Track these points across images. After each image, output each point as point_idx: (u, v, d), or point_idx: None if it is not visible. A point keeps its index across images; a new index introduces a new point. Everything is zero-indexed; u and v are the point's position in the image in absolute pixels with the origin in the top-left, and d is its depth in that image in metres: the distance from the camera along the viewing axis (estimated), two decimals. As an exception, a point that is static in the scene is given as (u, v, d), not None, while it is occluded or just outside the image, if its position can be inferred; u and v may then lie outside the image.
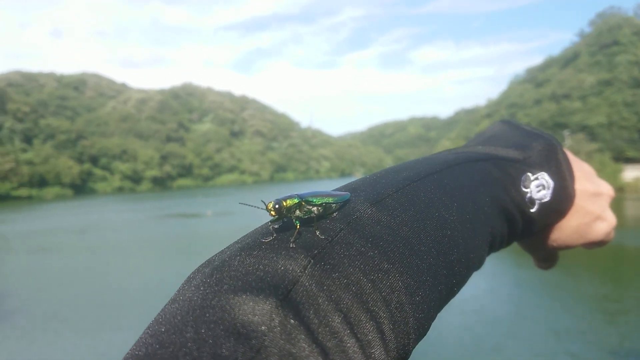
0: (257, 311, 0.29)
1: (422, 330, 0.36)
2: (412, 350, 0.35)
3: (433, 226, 0.40)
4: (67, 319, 9.26)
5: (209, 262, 0.35)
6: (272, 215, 0.38)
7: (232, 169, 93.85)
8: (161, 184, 79.96)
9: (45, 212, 38.65)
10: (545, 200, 0.55)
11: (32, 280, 13.04)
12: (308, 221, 0.37)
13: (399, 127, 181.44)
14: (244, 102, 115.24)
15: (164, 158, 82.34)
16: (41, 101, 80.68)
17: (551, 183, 0.55)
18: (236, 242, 0.37)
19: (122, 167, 76.93)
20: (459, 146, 0.59)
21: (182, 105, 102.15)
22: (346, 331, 0.30)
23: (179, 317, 0.30)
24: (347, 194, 0.41)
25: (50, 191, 63.58)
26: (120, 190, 73.96)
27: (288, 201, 0.39)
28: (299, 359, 0.28)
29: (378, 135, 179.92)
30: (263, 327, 0.28)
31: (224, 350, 0.27)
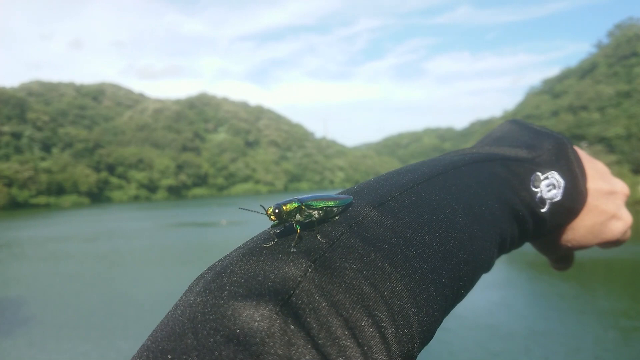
0: (257, 317, 0.29)
1: (427, 334, 0.35)
2: (417, 355, 0.34)
3: (438, 228, 0.40)
4: (77, 327, 9.31)
5: (211, 268, 0.35)
6: (272, 220, 0.38)
7: (246, 179, 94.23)
8: (176, 192, 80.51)
9: (61, 220, 39.09)
10: (557, 199, 0.54)
11: (45, 287, 13.17)
12: (309, 225, 0.37)
13: (414, 137, 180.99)
14: (259, 112, 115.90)
15: (180, 167, 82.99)
16: (60, 110, 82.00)
17: (562, 182, 0.54)
18: (239, 248, 0.37)
19: (138, 175, 77.67)
20: (466, 147, 0.59)
21: (198, 115, 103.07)
22: (347, 336, 0.30)
23: (179, 324, 0.30)
24: (349, 197, 0.40)
25: (68, 199, 64.36)
26: (136, 198, 74.60)
27: (288, 205, 0.38)
28: None
29: (393, 146, 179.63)
30: (263, 333, 0.28)
31: (224, 357, 0.27)
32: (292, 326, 0.29)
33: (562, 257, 0.66)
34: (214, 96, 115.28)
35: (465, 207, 0.44)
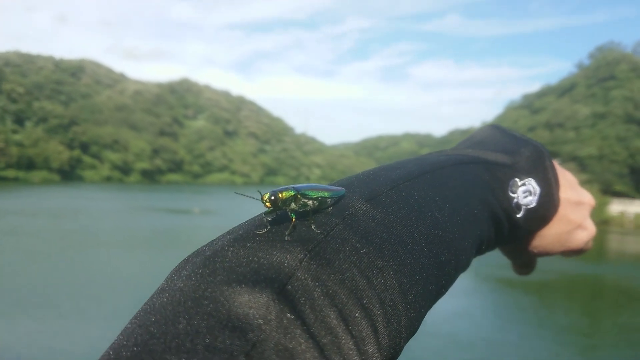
0: (253, 304, 0.28)
1: (412, 329, 0.36)
2: (402, 348, 0.35)
3: (426, 226, 0.40)
4: (32, 304, 9.12)
5: (199, 253, 0.34)
6: (267, 206, 0.38)
7: (222, 169, 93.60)
8: (150, 177, 79.52)
9: (29, 194, 38.25)
10: (532, 206, 0.55)
11: (2, 262, 12.87)
12: (303, 214, 0.37)
13: (393, 141, 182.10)
14: (241, 103, 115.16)
15: (156, 151, 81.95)
16: (37, 84, 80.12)
17: (538, 189, 0.56)
18: (227, 234, 0.36)
19: (113, 156, 76.45)
20: (448, 148, 0.60)
21: (179, 101, 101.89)
22: (341, 327, 0.30)
23: (169, 308, 0.29)
24: (342, 189, 0.40)
25: (38, 175, 63.01)
26: (108, 179, 73.47)
27: (284, 193, 0.38)
28: (296, 354, 0.28)
29: (371, 148, 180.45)
30: (259, 321, 0.28)
31: (218, 343, 0.27)
32: (288, 314, 0.29)
33: (526, 263, 0.67)
34: (196, 83, 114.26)
35: (450, 206, 0.44)
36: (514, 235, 0.56)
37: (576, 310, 12.18)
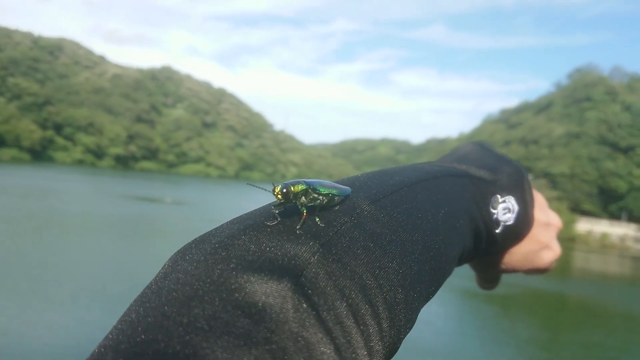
0: (270, 292, 0.29)
1: (409, 328, 0.38)
2: (399, 346, 0.37)
3: (423, 231, 0.42)
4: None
5: (204, 239, 0.35)
6: (278, 198, 0.38)
7: (198, 160, 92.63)
8: (124, 163, 78.25)
9: (-3, 173, 37.25)
10: (509, 223, 0.57)
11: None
12: (311, 209, 0.38)
13: (370, 145, 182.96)
14: (221, 95, 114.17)
15: (131, 137, 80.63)
16: (13, 59, 78.01)
17: (516, 208, 0.57)
18: (233, 223, 0.37)
19: (86, 139, 74.94)
20: (434, 160, 0.62)
21: (158, 88, 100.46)
22: (351, 322, 0.31)
23: (181, 292, 0.29)
24: (348, 188, 0.41)
25: (7, 152, 61.42)
26: (80, 162, 72.02)
27: (296, 187, 0.39)
28: (310, 344, 0.28)
29: (349, 150, 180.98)
30: (277, 309, 0.28)
31: (237, 328, 0.27)
32: (304, 305, 0.29)
33: (491, 278, 0.69)
34: (178, 71, 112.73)
35: (443, 215, 0.46)
36: (490, 249, 0.58)
37: (537, 324, 12.37)
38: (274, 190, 0.39)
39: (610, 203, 57.22)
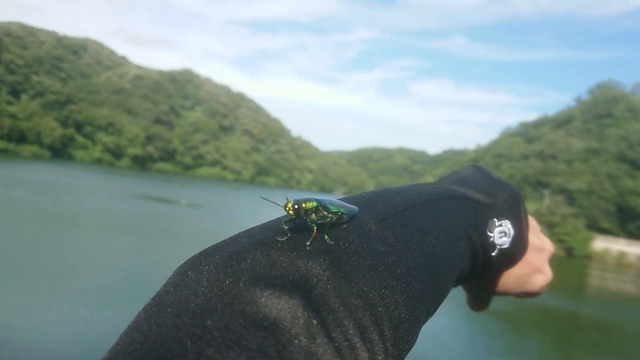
0: (283, 307, 0.29)
1: (410, 345, 0.38)
2: None
3: (425, 252, 0.43)
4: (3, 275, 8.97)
5: (215, 250, 0.35)
6: (290, 214, 0.39)
7: (214, 163, 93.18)
8: (141, 163, 79.01)
9: (17, 168, 37.84)
10: (505, 246, 0.58)
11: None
12: (321, 227, 0.38)
13: (387, 154, 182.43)
14: (240, 100, 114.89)
15: (149, 138, 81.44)
16: (37, 57, 79.42)
17: (512, 232, 0.58)
18: (241, 237, 0.37)
19: (106, 139, 75.88)
20: (434, 181, 0.63)
21: (178, 90, 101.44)
22: (358, 340, 0.31)
23: (193, 303, 0.30)
24: (356, 208, 0.42)
25: (28, 149, 62.34)
26: (98, 161, 72.92)
27: (308, 204, 0.40)
28: None
29: (365, 158, 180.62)
30: (289, 324, 0.29)
31: (250, 341, 0.27)
32: (314, 321, 0.30)
33: (483, 300, 0.69)
34: (198, 75, 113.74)
35: (445, 237, 0.47)
36: (485, 272, 0.59)
37: (549, 342, 12.16)
38: (285, 206, 0.40)
39: (628, 221, 56.23)
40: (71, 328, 7.16)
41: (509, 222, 0.58)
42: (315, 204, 0.40)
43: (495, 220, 0.57)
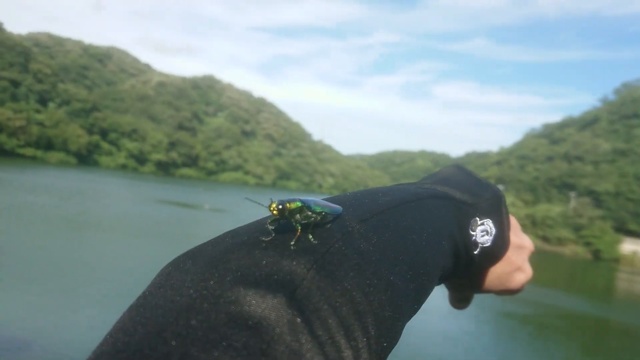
0: (266, 306, 0.30)
1: (394, 343, 0.38)
2: None
3: (409, 252, 0.43)
4: (28, 279, 9.14)
5: (200, 251, 0.35)
6: (274, 214, 0.39)
7: (236, 168, 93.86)
8: (164, 169, 80.00)
9: (45, 174, 38.66)
10: (487, 245, 0.59)
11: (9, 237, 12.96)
12: (305, 227, 0.39)
13: (408, 157, 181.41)
14: (261, 105, 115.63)
15: (172, 144, 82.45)
16: (64, 66, 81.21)
17: (494, 230, 0.59)
18: (226, 237, 0.37)
19: (130, 145, 77.06)
20: (417, 181, 0.63)
21: (200, 96, 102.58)
22: (342, 338, 0.32)
23: (178, 303, 0.30)
24: (340, 207, 0.42)
25: (55, 156, 63.64)
26: (123, 167, 74.07)
27: (292, 204, 0.40)
28: (304, 358, 0.29)
29: (387, 162, 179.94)
30: (273, 322, 0.29)
31: (234, 340, 0.27)
32: (298, 319, 0.30)
33: (465, 297, 0.70)
34: (220, 80, 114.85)
35: (427, 235, 0.47)
36: (467, 270, 0.59)
37: (575, 348, 11.90)
38: (270, 206, 0.40)
39: (658, 224, 54.84)
40: (96, 331, 7.26)
41: (490, 221, 0.59)
42: (299, 204, 0.40)
43: (478, 219, 0.58)
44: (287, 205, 0.39)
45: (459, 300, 0.71)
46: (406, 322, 0.42)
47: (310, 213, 0.40)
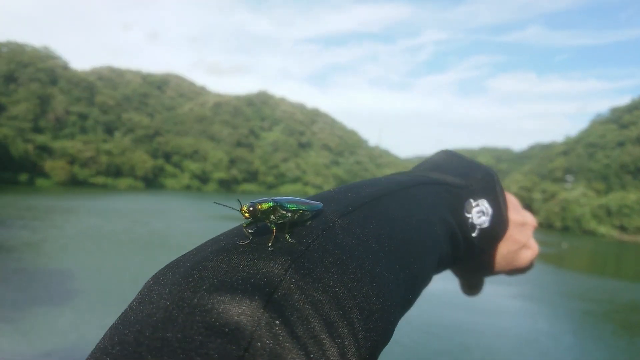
0: (243, 311, 0.29)
1: (387, 337, 0.37)
2: (378, 356, 0.36)
3: (396, 242, 0.42)
4: (99, 299, 9.53)
5: (178, 263, 0.35)
6: (245, 217, 0.39)
7: (295, 180, 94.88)
8: (227, 186, 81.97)
9: (116, 200, 40.52)
10: (485, 226, 0.58)
11: (88, 261, 13.59)
12: (282, 226, 0.38)
13: (470, 155, 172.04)
14: (315, 115, 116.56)
15: (232, 162, 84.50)
16: (126, 96, 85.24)
17: (490, 210, 0.58)
18: (206, 245, 0.37)
19: (193, 166, 79.57)
20: (405, 170, 0.63)
21: (255, 113, 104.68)
22: (325, 335, 0.31)
23: (155, 317, 0.29)
24: (319, 203, 0.42)
25: (124, 182, 66.64)
26: (187, 188, 76.43)
27: (263, 205, 0.39)
28: None
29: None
30: (250, 327, 0.29)
31: (211, 349, 0.27)
32: (277, 321, 0.29)
33: (475, 283, 0.69)
34: (273, 95, 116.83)
35: (416, 224, 0.47)
36: (469, 254, 0.58)
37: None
38: (241, 209, 0.39)
39: None
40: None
41: (485, 201, 0.58)
42: (271, 204, 0.39)
43: (472, 200, 0.57)
44: (258, 206, 0.39)
45: (470, 286, 0.70)
46: (400, 316, 0.41)
47: (284, 212, 0.39)
